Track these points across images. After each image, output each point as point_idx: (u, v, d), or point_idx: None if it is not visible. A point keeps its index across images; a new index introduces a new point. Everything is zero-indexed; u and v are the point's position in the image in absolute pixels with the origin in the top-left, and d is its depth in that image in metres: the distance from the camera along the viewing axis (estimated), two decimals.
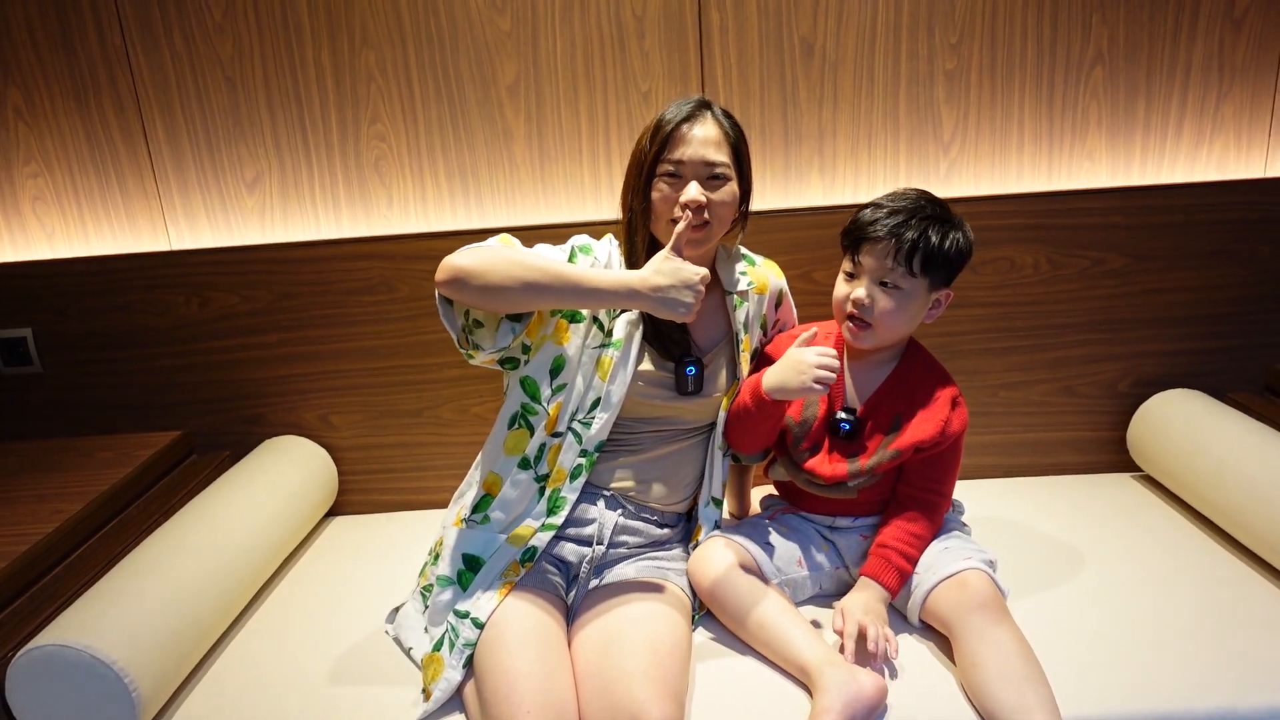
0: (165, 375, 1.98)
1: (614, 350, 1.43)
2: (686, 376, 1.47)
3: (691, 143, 1.39)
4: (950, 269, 1.43)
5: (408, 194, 1.94)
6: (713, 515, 1.56)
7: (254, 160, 1.93)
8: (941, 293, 1.45)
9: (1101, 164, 1.93)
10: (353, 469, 2.04)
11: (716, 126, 1.41)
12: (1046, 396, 1.98)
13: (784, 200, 1.95)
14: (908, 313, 1.42)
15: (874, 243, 1.40)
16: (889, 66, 1.87)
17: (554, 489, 1.44)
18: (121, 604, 1.37)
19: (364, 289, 1.92)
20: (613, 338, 1.44)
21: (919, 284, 1.41)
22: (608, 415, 1.43)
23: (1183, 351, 1.96)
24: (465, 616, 1.35)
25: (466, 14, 1.84)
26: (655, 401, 1.48)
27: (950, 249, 1.39)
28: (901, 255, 1.38)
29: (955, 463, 1.49)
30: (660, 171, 1.40)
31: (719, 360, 1.53)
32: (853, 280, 1.44)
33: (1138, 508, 1.85)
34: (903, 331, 1.46)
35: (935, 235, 1.38)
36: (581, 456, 1.44)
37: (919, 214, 1.39)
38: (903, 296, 1.40)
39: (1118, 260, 1.90)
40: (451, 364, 1.95)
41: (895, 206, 1.41)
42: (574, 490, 1.44)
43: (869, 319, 1.41)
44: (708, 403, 1.51)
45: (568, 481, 1.44)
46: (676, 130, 1.39)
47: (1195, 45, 1.85)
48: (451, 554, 1.44)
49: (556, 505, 1.43)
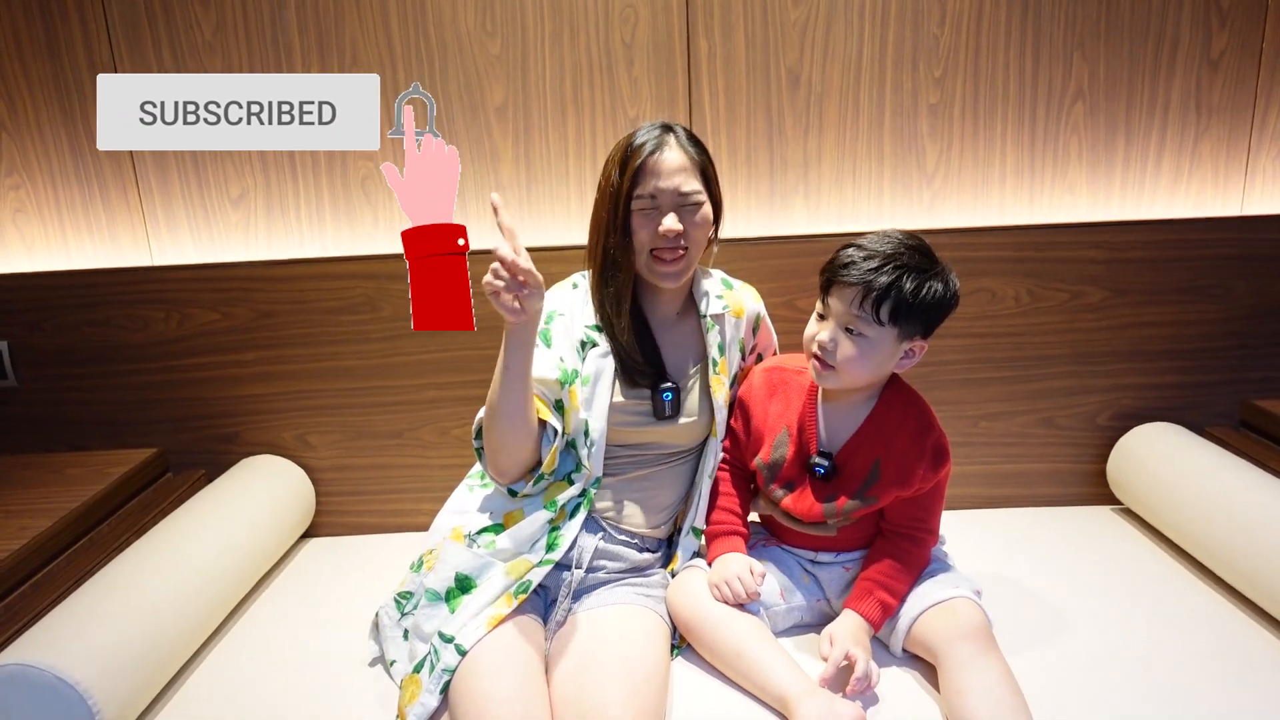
0: (142, 391, 1.96)
1: (585, 386, 1.44)
2: (664, 402, 1.47)
3: (662, 173, 1.39)
4: (925, 319, 1.35)
5: (394, 213, 1.93)
6: (692, 545, 1.55)
7: (240, 176, 1.92)
8: (915, 343, 1.38)
9: (1082, 197, 1.95)
10: (330, 490, 2.01)
11: (683, 153, 1.41)
12: (1027, 428, 1.99)
13: (768, 228, 1.96)
14: (871, 361, 1.37)
15: (843, 287, 1.34)
16: (874, 98, 1.89)
17: (554, 527, 1.44)
18: (87, 624, 1.34)
19: (346, 308, 1.91)
20: (580, 373, 1.45)
21: (886, 333, 1.34)
22: (596, 449, 1.43)
23: (1161, 385, 1.97)
24: (450, 641, 1.32)
25: (457, 37, 1.84)
26: (634, 428, 1.48)
27: (927, 297, 1.32)
28: (869, 303, 1.32)
29: (939, 500, 1.48)
30: (636, 206, 1.41)
31: (693, 383, 1.53)
32: (822, 321, 1.40)
33: (1117, 540, 1.85)
34: (868, 378, 1.41)
35: (909, 283, 1.31)
36: (581, 496, 1.45)
37: (895, 260, 1.32)
38: (867, 345, 1.35)
39: (1097, 294, 1.92)
40: (432, 385, 1.94)
41: (873, 250, 1.34)
42: (573, 529, 1.44)
43: (831, 363, 1.38)
44: (685, 426, 1.51)
45: (568, 519, 1.44)
46: (646, 163, 1.40)
47: (1174, 84, 1.89)
48: (444, 568, 1.42)
49: (555, 542, 1.43)
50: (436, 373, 1.93)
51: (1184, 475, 1.75)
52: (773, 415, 1.50)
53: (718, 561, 1.46)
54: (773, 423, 1.50)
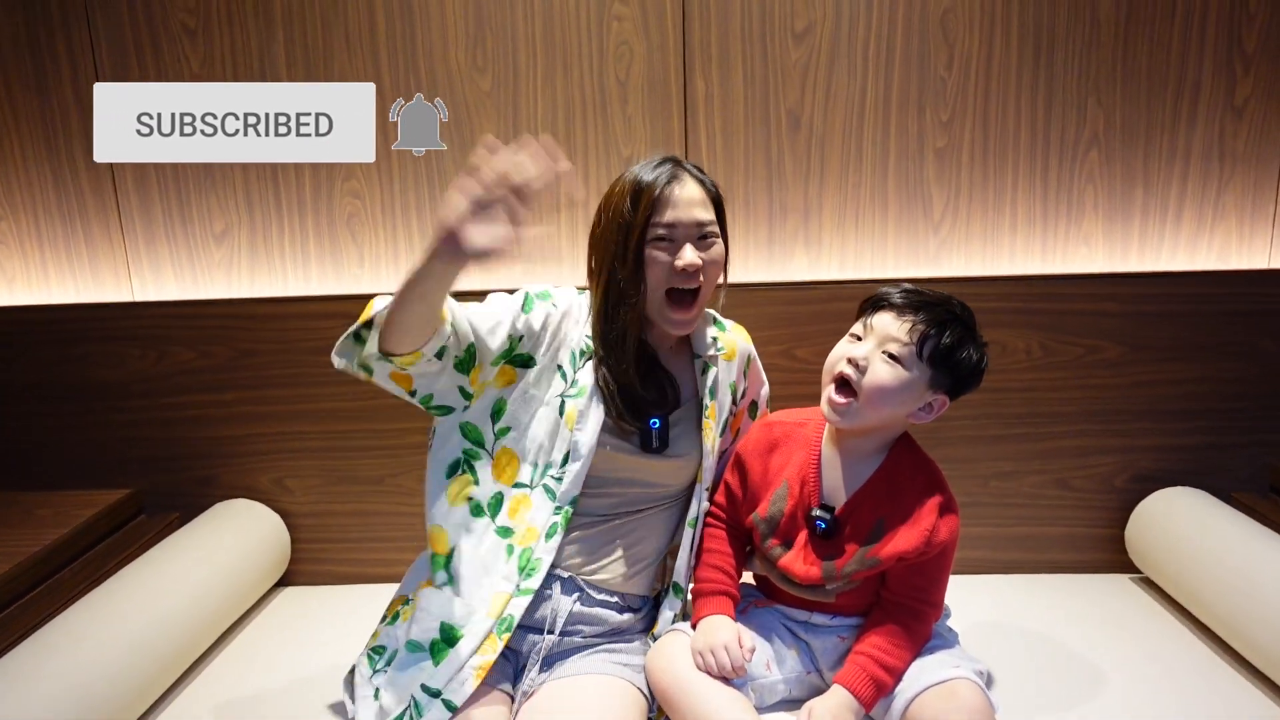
0: (117, 430, 1.91)
1: (580, 399, 1.37)
2: (651, 430, 1.39)
3: (679, 204, 1.34)
4: (955, 376, 1.32)
5: (380, 252, 1.88)
6: (674, 607, 1.45)
7: (224, 213, 1.88)
8: (939, 397, 1.35)
9: (1098, 248, 1.87)
10: (307, 537, 1.94)
11: (698, 185, 1.37)
12: (1039, 489, 1.89)
13: (767, 274, 1.89)
14: (898, 396, 1.31)
15: (895, 311, 1.32)
16: (878, 142, 1.83)
17: (525, 548, 1.35)
18: (33, 678, 1.27)
19: (328, 348, 1.81)
20: (577, 385, 1.38)
21: (920, 372, 1.31)
22: (579, 465, 1.36)
23: (1182, 447, 1.88)
24: (436, 695, 1.26)
25: (447, 71, 1.80)
26: (621, 456, 1.39)
27: (963, 358, 1.30)
28: (916, 333, 1.30)
29: (945, 570, 1.39)
30: (652, 237, 1.34)
31: (685, 421, 1.45)
32: (857, 343, 1.35)
33: (1136, 613, 1.75)
34: (884, 416, 1.35)
35: (951, 337, 1.30)
36: (556, 514, 1.36)
37: (949, 306, 1.32)
38: (900, 375, 1.30)
39: (1114, 349, 1.83)
40: (417, 430, 1.87)
41: (929, 294, 1.34)
42: (549, 551, 1.35)
43: (856, 387, 1.32)
44: (673, 465, 1.43)
45: (542, 540, 1.36)
46: (663, 193, 1.34)
47: (1195, 132, 1.81)
48: (426, 618, 1.34)
49: (532, 568, 1.34)
50: (421, 416, 1.83)
51: (1208, 545, 1.66)
52: (772, 469, 1.42)
53: (703, 624, 1.37)
54: (772, 477, 1.42)
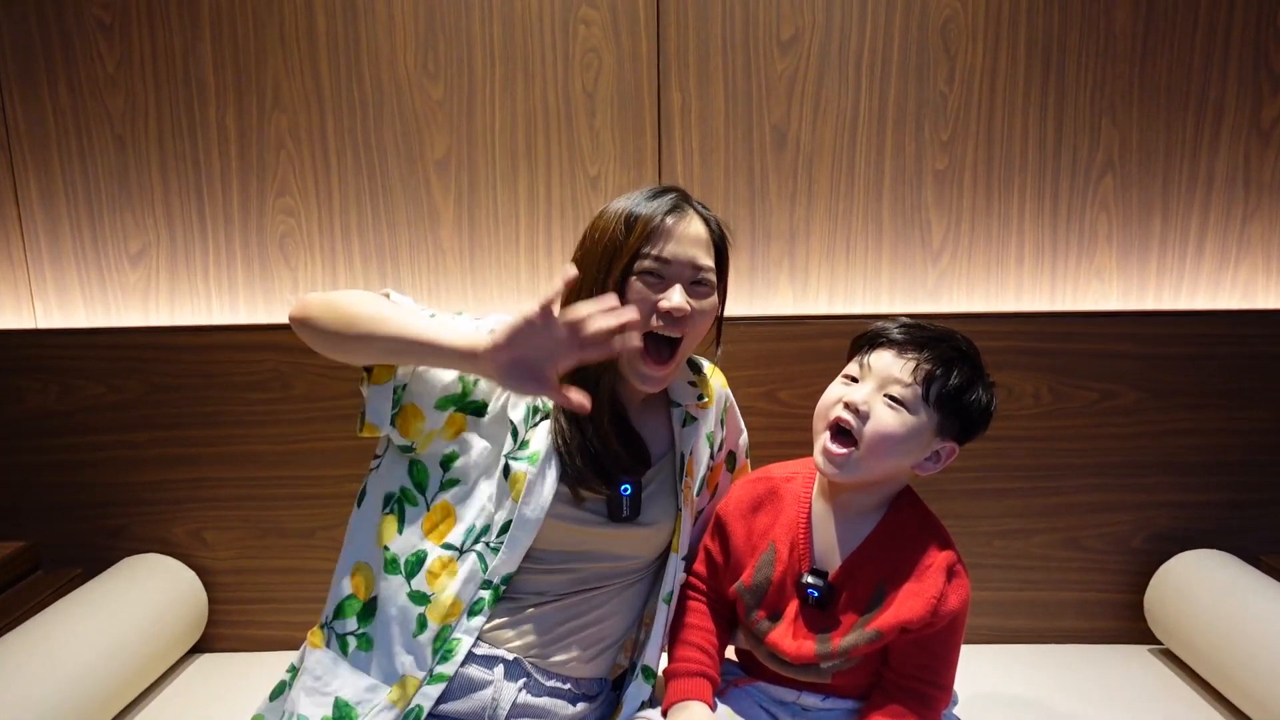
0: (13, 474, 1.70)
1: (528, 464, 1.16)
2: (621, 497, 1.19)
3: (679, 239, 1.16)
4: (963, 420, 1.18)
5: (316, 277, 1.71)
6: (642, 693, 1.25)
7: (140, 230, 1.69)
8: (947, 444, 1.19)
9: (1112, 284, 1.72)
10: (226, 597, 1.74)
11: (704, 225, 1.20)
12: (1048, 549, 1.72)
13: (748, 307, 1.72)
14: (904, 445, 1.15)
15: (895, 348, 1.17)
16: (871, 162, 1.67)
17: (444, 625, 1.15)
18: None
19: (254, 384, 1.66)
20: (528, 449, 1.17)
21: (926, 416, 1.16)
22: (523, 538, 1.15)
23: (1205, 504, 1.72)
24: None
25: (394, 79, 1.63)
26: (579, 528, 1.19)
27: (972, 400, 1.17)
28: (920, 373, 1.15)
29: (954, 647, 1.21)
30: (640, 268, 1.16)
31: (659, 481, 1.26)
32: (853, 385, 1.19)
33: (1156, 688, 1.59)
34: (888, 468, 1.18)
35: (960, 377, 1.16)
36: (484, 589, 1.16)
37: (954, 342, 1.19)
38: (906, 421, 1.15)
39: (1130, 394, 1.68)
40: (351, 477, 1.66)
41: (931, 328, 1.20)
42: (471, 632, 1.15)
43: (857, 435, 1.15)
44: (645, 535, 1.23)
45: (463, 618, 1.15)
46: (663, 222, 1.16)
47: (1218, 157, 1.68)
48: (317, 685, 1.15)
49: (449, 649, 1.14)
50: (356, 462, 1.66)
51: (1236, 613, 1.53)
52: (757, 531, 1.25)
53: (675, 711, 1.18)
54: (757, 540, 1.24)
